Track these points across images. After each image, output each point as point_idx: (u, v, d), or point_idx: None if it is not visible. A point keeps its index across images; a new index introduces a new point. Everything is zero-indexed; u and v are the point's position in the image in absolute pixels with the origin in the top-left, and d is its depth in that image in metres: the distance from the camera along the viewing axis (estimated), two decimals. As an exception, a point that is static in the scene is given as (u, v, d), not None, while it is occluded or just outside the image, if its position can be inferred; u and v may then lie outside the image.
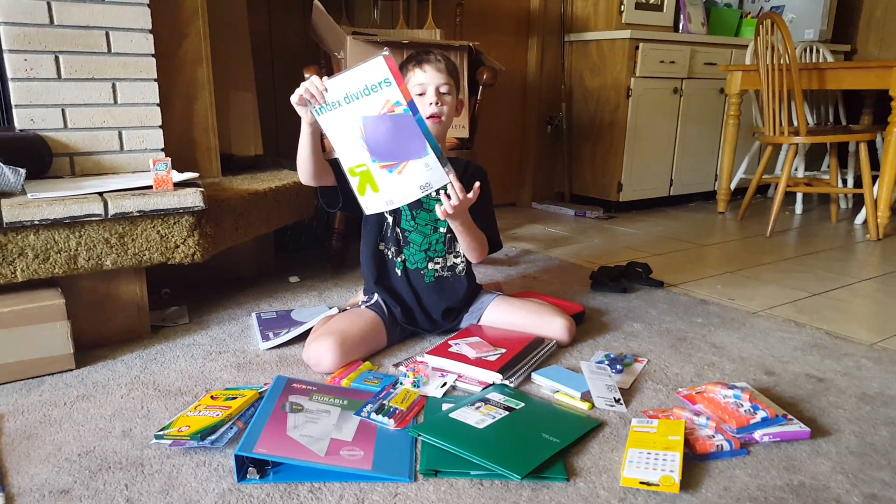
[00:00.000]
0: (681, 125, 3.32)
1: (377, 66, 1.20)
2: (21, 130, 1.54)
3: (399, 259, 1.54)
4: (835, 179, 3.10)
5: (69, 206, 1.34)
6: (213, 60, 1.82)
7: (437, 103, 1.45)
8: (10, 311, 1.29)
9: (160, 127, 1.69)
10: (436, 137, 1.46)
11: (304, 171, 1.40)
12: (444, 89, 1.46)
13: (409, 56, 1.52)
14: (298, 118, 1.32)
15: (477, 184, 1.36)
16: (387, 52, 1.20)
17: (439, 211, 1.37)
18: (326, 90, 1.24)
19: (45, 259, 1.35)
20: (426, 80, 1.45)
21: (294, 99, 1.27)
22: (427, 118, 1.44)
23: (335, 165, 1.43)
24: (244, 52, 2.10)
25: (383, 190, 1.29)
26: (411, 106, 1.23)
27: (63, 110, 1.58)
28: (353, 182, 1.30)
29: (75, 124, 1.60)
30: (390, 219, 1.53)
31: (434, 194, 1.51)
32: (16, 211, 1.30)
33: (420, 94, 1.45)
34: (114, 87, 1.62)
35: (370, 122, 1.24)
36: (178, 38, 1.75)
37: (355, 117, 1.24)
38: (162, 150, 1.70)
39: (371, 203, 1.31)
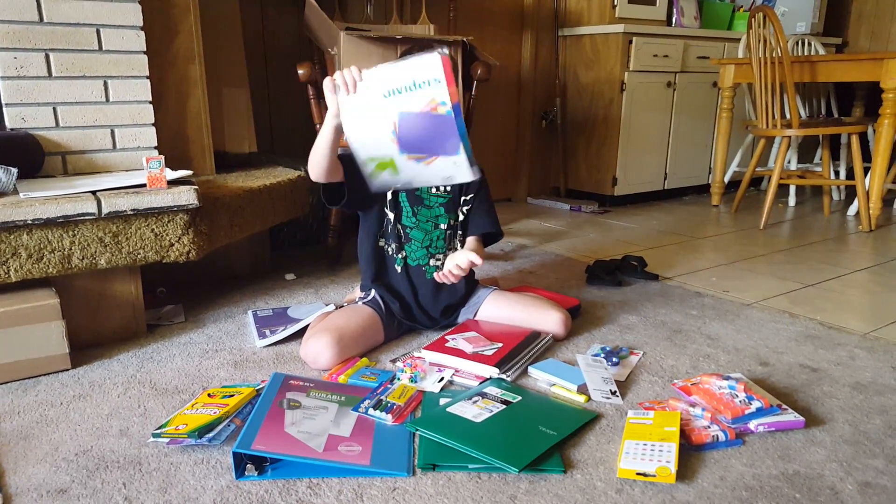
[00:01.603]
0: (674, 119, 3.33)
1: (431, 64, 1.15)
2: (12, 129, 1.53)
3: (400, 256, 1.54)
4: (827, 171, 3.12)
5: (62, 205, 1.34)
6: (206, 57, 1.82)
7: None
8: (4, 312, 1.29)
9: (153, 125, 1.68)
10: None
11: (318, 167, 1.36)
12: None
13: (412, 49, 1.51)
14: (291, 114, 1.31)
15: (476, 259, 1.39)
16: (445, 51, 1.16)
17: (437, 275, 1.44)
18: (361, 80, 1.20)
19: (38, 259, 1.35)
20: None
21: (327, 85, 1.22)
22: None
23: (344, 162, 1.40)
24: (237, 48, 2.09)
25: (404, 173, 1.25)
26: (455, 108, 1.18)
27: (54, 108, 1.57)
28: (369, 168, 1.25)
29: (67, 123, 1.59)
30: (391, 215, 1.52)
31: (434, 190, 1.52)
32: (8, 211, 1.29)
33: None
34: (105, 84, 1.61)
35: (408, 118, 1.20)
36: (170, 34, 1.74)
37: (391, 112, 1.20)
38: (155, 147, 1.70)
39: (384, 181, 1.25)
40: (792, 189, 3.34)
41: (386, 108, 1.20)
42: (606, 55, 3.13)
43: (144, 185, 1.46)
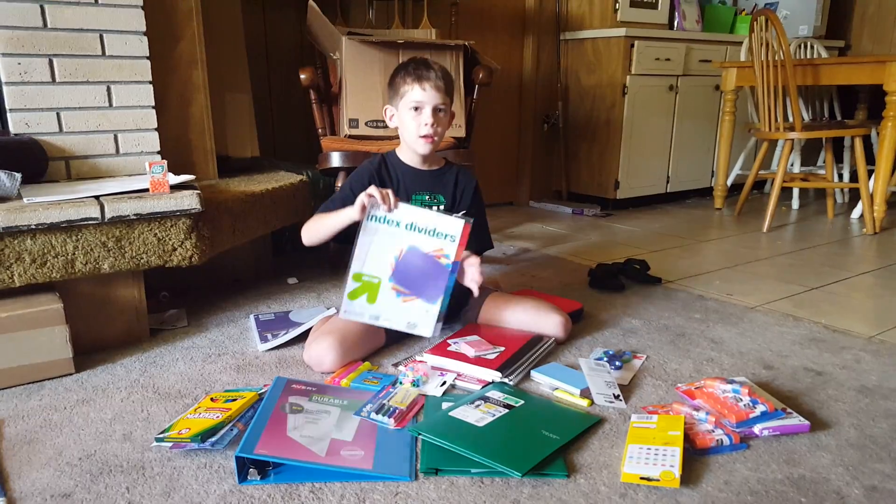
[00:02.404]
0: (677, 122, 3.33)
1: (456, 225, 1.36)
2: (16, 135, 1.54)
3: None
4: (831, 174, 3.11)
5: (66, 210, 1.34)
6: (209, 62, 1.82)
7: (433, 124, 1.46)
8: (8, 316, 1.29)
9: (156, 129, 1.69)
10: (427, 153, 1.52)
11: (318, 239, 1.47)
12: (441, 108, 1.47)
13: (408, 65, 1.49)
14: (294, 119, 1.32)
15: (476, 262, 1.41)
16: (470, 221, 1.37)
17: (475, 289, 1.42)
18: (396, 208, 1.32)
19: (42, 263, 1.35)
20: (424, 99, 1.45)
21: (363, 197, 1.32)
22: (420, 137, 1.47)
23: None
24: (239, 53, 2.09)
25: (379, 305, 1.38)
26: (454, 266, 1.37)
27: (58, 114, 1.57)
28: (351, 286, 1.37)
29: (70, 128, 1.59)
30: None
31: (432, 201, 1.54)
32: (12, 216, 1.30)
33: (415, 110, 1.46)
34: (108, 89, 1.61)
35: (414, 253, 1.36)
36: (173, 40, 1.75)
37: (404, 242, 1.35)
38: (158, 152, 1.70)
39: (355, 310, 1.38)
40: (795, 192, 3.34)
41: (401, 237, 1.36)
42: (608, 59, 3.13)
43: (147, 190, 1.47)
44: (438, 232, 1.36)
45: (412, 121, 1.47)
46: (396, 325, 1.40)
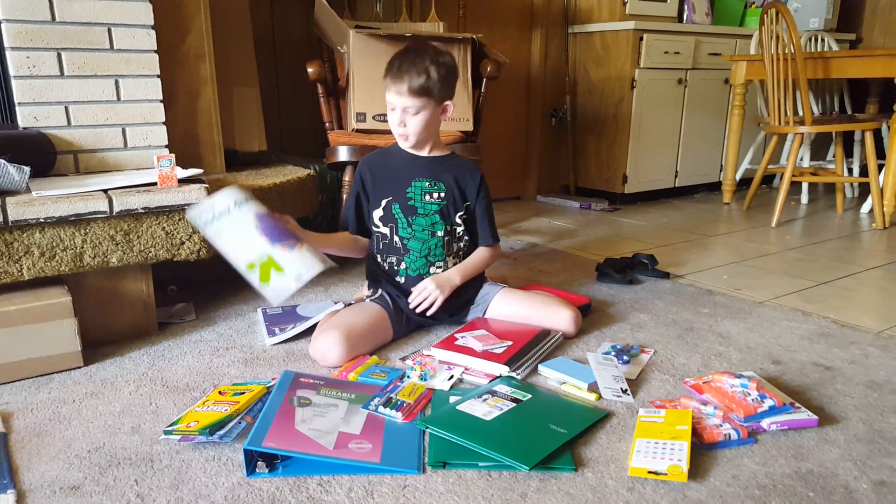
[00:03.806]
0: (686, 116, 3.30)
1: (226, 192, 1.33)
2: (24, 128, 1.54)
3: (401, 267, 1.55)
4: (840, 168, 3.09)
5: (74, 203, 1.35)
6: (216, 56, 1.82)
7: (399, 123, 1.48)
8: (17, 310, 1.30)
9: (163, 123, 1.69)
10: (417, 145, 1.53)
11: (347, 254, 1.62)
12: (410, 110, 1.47)
13: (392, 62, 1.47)
14: (301, 113, 1.33)
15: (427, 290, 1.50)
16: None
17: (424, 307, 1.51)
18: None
19: (51, 257, 1.36)
20: (393, 101, 1.47)
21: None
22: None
23: (350, 223, 1.60)
24: (247, 47, 2.09)
25: (289, 268, 1.33)
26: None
27: (66, 108, 1.58)
28: (254, 276, 1.33)
29: (79, 122, 1.60)
30: (386, 230, 1.54)
31: (428, 197, 1.54)
32: (21, 209, 1.30)
33: (391, 109, 1.49)
34: (116, 83, 1.62)
35: (262, 217, 1.33)
36: (181, 33, 1.75)
37: (248, 216, 1.32)
38: (166, 146, 1.70)
39: (279, 286, 1.33)
40: (804, 186, 3.31)
41: (242, 216, 1.32)
42: (617, 52, 3.11)
43: (155, 184, 1.47)
44: (236, 203, 1.34)
45: (390, 116, 1.51)
46: (310, 274, 1.35)
